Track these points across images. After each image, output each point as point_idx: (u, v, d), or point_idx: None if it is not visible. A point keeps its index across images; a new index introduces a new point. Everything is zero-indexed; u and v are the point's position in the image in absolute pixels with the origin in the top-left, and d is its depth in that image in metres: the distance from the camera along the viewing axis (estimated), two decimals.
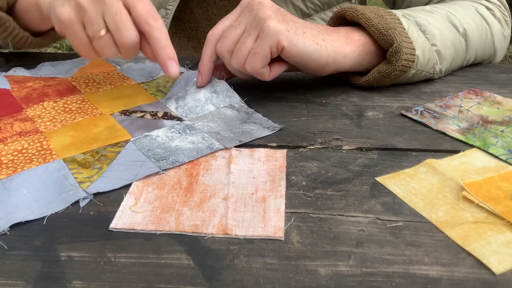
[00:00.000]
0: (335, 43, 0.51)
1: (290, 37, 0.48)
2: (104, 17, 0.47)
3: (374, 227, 0.35)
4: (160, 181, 0.40)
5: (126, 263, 0.32)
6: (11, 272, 0.31)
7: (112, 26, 0.47)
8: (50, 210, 0.37)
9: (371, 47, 0.54)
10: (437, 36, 0.56)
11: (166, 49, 0.47)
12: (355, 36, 0.53)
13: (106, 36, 0.48)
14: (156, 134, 0.47)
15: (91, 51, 0.50)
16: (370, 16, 0.53)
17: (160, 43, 0.47)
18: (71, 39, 0.49)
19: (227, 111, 0.51)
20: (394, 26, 0.52)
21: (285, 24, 0.48)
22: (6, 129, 0.48)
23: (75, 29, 0.48)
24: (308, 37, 0.49)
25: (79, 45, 0.49)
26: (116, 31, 0.47)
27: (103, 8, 0.47)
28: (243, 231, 0.34)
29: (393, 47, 0.52)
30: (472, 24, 0.60)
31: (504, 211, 0.35)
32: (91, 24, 0.47)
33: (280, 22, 0.48)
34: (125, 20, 0.47)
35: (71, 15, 0.47)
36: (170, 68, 0.48)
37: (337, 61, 0.52)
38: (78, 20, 0.47)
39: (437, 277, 0.30)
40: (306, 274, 0.31)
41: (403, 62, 0.52)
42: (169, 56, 0.48)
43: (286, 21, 0.48)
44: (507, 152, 0.43)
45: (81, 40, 0.48)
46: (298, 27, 0.49)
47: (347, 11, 0.55)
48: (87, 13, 0.47)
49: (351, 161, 0.43)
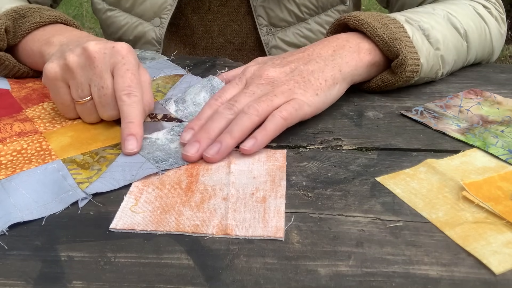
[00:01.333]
0: (351, 67, 0.51)
1: (318, 101, 0.47)
2: (91, 86, 0.46)
3: (374, 227, 0.35)
4: (160, 181, 0.40)
5: (126, 263, 0.32)
6: (11, 272, 0.31)
7: (96, 99, 0.46)
8: (49, 210, 0.37)
9: (379, 56, 0.53)
10: (441, 40, 0.55)
11: (130, 124, 0.44)
12: (365, 46, 0.52)
13: (89, 103, 0.47)
14: (156, 136, 0.46)
15: (71, 112, 0.49)
16: (374, 26, 0.52)
17: (126, 118, 0.44)
18: (53, 97, 0.49)
19: None
20: (399, 37, 0.51)
21: (307, 86, 0.47)
22: (6, 129, 0.48)
23: (58, 87, 0.47)
24: (329, 84, 0.48)
25: (59, 104, 0.49)
26: (100, 105, 0.47)
27: (92, 77, 0.46)
28: (243, 231, 0.34)
29: (399, 59, 0.51)
30: (472, 25, 0.60)
31: (504, 211, 0.35)
32: (77, 89, 0.47)
33: (304, 91, 0.46)
34: (110, 97, 0.46)
35: (57, 73, 0.46)
36: (127, 143, 0.44)
37: (354, 80, 0.52)
38: (63, 80, 0.47)
39: (437, 277, 0.30)
40: (306, 274, 0.31)
41: (407, 73, 0.52)
42: (131, 132, 0.44)
43: (302, 80, 0.47)
44: (507, 152, 0.43)
45: (63, 100, 0.48)
46: (319, 77, 0.48)
47: (350, 19, 0.54)
48: (75, 77, 0.46)
49: (351, 161, 0.43)
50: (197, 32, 0.77)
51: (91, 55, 0.46)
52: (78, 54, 0.46)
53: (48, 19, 0.58)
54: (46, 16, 0.58)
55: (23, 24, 0.57)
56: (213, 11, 0.75)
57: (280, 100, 0.45)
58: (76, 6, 3.40)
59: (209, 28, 0.77)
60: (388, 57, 0.53)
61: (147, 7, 0.73)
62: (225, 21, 0.50)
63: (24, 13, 0.58)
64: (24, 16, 0.58)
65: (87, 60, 0.46)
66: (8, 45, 0.58)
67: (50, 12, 0.59)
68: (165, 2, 0.72)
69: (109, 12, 0.77)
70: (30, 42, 0.58)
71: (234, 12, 0.54)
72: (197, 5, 0.75)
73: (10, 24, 0.56)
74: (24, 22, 0.57)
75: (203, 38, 0.77)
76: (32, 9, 0.58)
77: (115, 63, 0.46)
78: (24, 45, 0.58)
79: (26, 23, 0.57)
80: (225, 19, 0.51)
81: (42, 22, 0.58)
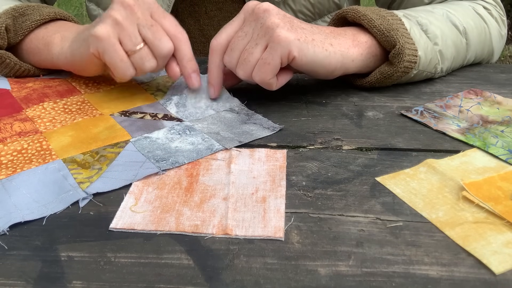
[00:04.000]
0: (342, 47, 0.51)
1: (300, 46, 0.47)
2: (140, 30, 0.49)
3: (374, 227, 0.35)
4: (160, 181, 0.40)
5: (126, 263, 0.32)
6: (11, 272, 0.31)
7: (150, 37, 0.49)
8: (50, 210, 0.37)
9: (377, 49, 0.54)
10: (439, 36, 0.56)
11: (190, 62, 0.51)
12: (361, 38, 0.53)
13: (144, 48, 0.49)
14: (156, 136, 0.47)
15: (129, 68, 0.50)
16: (372, 17, 0.52)
17: (186, 56, 0.51)
18: (110, 57, 0.49)
19: (227, 114, 0.51)
20: (396, 27, 0.52)
21: (294, 32, 0.47)
22: (6, 129, 0.48)
23: (113, 44, 0.48)
24: (317, 44, 0.49)
25: (118, 61, 0.49)
26: (155, 40, 0.49)
27: (138, 21, 0.49)
28: (243, 231, 0.34)
29: (396, 48, 0.52)
30: (471, 23, 0.60)
31: (504, 211, 0.35)
32: (129, 38, 0.49)
33: (289, 30, 0.47)
34: (161, 31, 0.49)
35: (109, 31, 0.48)
36: (194, 80, 0.52)
37: (345, 65, 0.52)
38: (115, 36, 0.48)
39: (437, 277, 0.30)
40: (306, 274, 0.31)
41: (405, 63, 0.52)
42: (194, 69, 0.52)
43: (294, 29, 0.48)
44: (507, 152, 0.43)
45: (120, 56, 0.49)
46: (307, 33, 0.49)
47: (348, 12, 0.55)
48: (124, 28, 0.48)
49: (351, 161, 0.43)
50: (194, 37, 0.77)
51: (129, 4, 0.49)
52: (118, 9, 0.49)
53: (48, 16, 0.58)
54: (46, 13, 0.58)
55: (23, 23, 0.58)
56: (210, 15, 0.75)
57: None
58: (76, 6, 3.40)
59: (206, 33, 0.77)
60: (386, 49, 0.54)
61: None
62: (222, 25, 0.51)
63: (24, 11, 0.58)
64: (24, 14, 0.58)
65: (127, 9, 0.49)
66: (9, 44, 0.58)
67: (50, 9, 0.59)
68: None
69: None
70: (34, 40, 0.58)
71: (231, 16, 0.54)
72: (193, 9, 0.75)
73: (10, 22, 0.57)
74: (24, 21, 0.58)
75: (200, 42, 0.77)
76: (31, 7, 0.59)
77: (150, 8, 0.50)
78: (28, 43, 0.59)
79: (27, 21, 0.58)
80: (221, 24, 0.52)
81: (42, 20, 0.58)
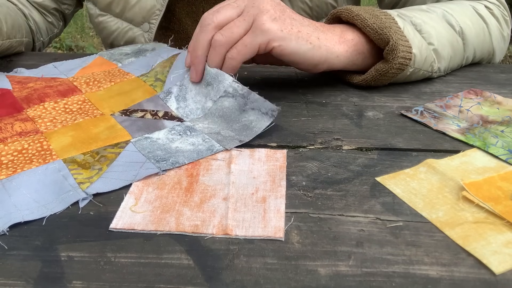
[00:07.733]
0: (328, 42, 0.52)
1: (282, 37, 0.48)
2: None
3: (374, 227, 0.35)
4: (160, 181, 0.40)
5: (126, 263, 0.32)
6: (11, 272, 0.31)
7: None
8: (50, 210, 0.37)
9: (364, 47, 0.55)
10: (434, 35, 0.56)
11: None
12: (348, 35, 0.54)
13: None
14: (157, 136, 0.47)
15: None
16: (365, 17, 0.53)
17: None
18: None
19: (225, 103, 0.49)
20: (389, 25, 0.53)
21: (281, 22, 0.48)
22: (7, 129, 0.48)
23: None
24: (302, 36, 0.50)
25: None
26: None
27: None
28: (243, 232, 0.34)
29: (389, 45, 0.52)
30: (469, 23, 0.60)
31: (504, 211, 0.35)
32: None
33: (275, 20, 0.48)
34: None
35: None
36: None
37: (329, 60, 0.52)
38: None
39: (437, 277, 0.30)
40: (306, 274, 0.31)
41: (399, 59, 0.53)
42: None
43: (282, 19, 0.49)
44: (507, 152, 0.43)
45: None
46: (294, 25, 0.49)
47: (342, 12, 0.55)
48: None
49: (351, 161, 0.43)
50: (191, 36, 0.77)
51: None
52: None
53: None
54: None
55: None
56: None
57: None
58: None
59: None
60: (380, 47, 0.54)
61: (136, 12, 0.74)
62: None
63: None
64: None
65: None
66: None
67: None
68: (153, 7, 0.73)
69: (100, 17, 0.78)
70: None
71: None
72: (190, 9, 0.75)
73: None
74: None
75: None
76: None
77: None
78: None
79: None
80: None
81: None
